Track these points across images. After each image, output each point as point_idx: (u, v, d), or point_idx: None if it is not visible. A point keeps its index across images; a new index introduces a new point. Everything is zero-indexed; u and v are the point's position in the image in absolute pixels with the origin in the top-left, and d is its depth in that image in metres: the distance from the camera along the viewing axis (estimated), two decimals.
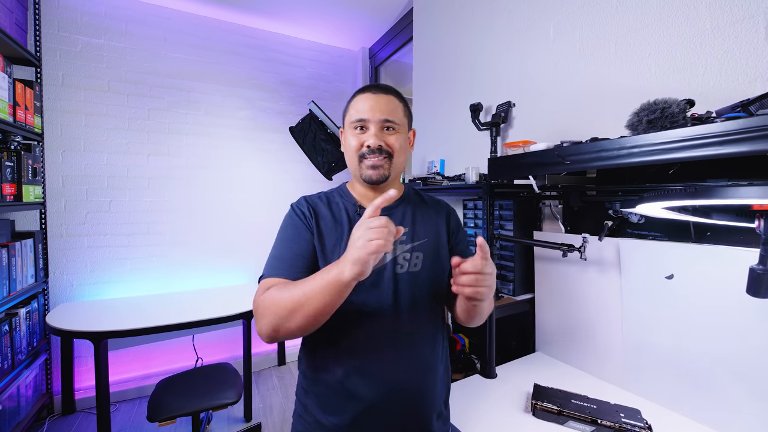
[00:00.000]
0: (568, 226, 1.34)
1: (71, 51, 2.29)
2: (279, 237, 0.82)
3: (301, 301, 0.65)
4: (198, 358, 2.52)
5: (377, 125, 0.80)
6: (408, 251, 0.83)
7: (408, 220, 0.86)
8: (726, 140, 0.60)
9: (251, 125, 2.90)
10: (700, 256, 0.95)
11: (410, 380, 0.80)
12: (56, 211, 2.26)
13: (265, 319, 0.69)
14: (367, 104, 0.81)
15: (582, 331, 1.26)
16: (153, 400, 1.55)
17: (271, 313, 0.68)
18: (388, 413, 0.78)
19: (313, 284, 0.65)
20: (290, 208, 0.86)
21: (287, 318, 0.66)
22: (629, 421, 0.90)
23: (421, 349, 0.83)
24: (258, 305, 0.71)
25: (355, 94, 0.86)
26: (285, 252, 0.78)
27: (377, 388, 0.77)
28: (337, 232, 0.81)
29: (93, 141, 2.37)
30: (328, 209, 0.85)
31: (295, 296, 0.66)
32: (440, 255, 0.88)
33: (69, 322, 1.83)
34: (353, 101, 0.85)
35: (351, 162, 0.84)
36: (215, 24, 2.77)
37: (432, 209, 0.92)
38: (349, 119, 0.84)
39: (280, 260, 0.77)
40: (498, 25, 1.70)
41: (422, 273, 0.83)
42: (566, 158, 0.88)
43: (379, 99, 0.82)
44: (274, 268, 0.76)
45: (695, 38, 1.01)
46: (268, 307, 0.68)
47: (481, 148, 1.77)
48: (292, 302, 0.66)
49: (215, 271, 2.73)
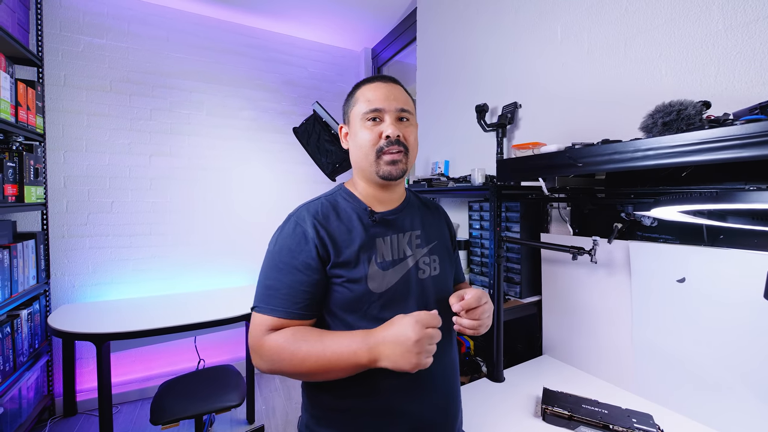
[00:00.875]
0: (577, 228, 1.33)
1: (73, 51, 2.28)
2: (272, 257, 0.71)
3: (322, 368, 0.62)
4: (200, 359, 2.50)
5: (393, 115, 0.74)
6: (426, 255, 0.81)
7: (418, 223, 0.83)
8: (746, 143, 0.59)
9: (254, 126, 2.89)
10: (712, 259, 0.94)
11: (446, 386, 0.78)
12: (58, 211, 2.25)
13: (274, 366, 0.65)
14: (380, 93, 0.75)
15: (590, 334, 1.25)
16: (156, 402, 1.54)
17: (283, 366, 0.64)
18: (434, 424, 0.76)
19: (339, 358, 0.61)
20: (288, 221, 0.74)
21: (304, 376, 0.65)
22: (641, 426, 0.89)
23: (450, 353, 0.81)
24: (263, 350, 0.65)
25: (360, 85, 0.79)
26: (281, 283, 0.69)
27: (423, 401, 0.74)
28: (354, 247, 0.72)
29: (95, 141, 2.35)
30: (338, 219, 0.75)
31: (315, 363, 0.62)
32: (449, 258, 0.88)
33: (71, 323, 1.82)
34: (360, 91, 0.78)
35: (364, 158, 0.75)
36: (217, 24, 2.76)
37: (432, 212, 0.91)
38: (358, 111, 0.76)
39: (275, 293, 0.68)
40: (504, 25, 1.69)
41: (441, 276, 0.82)
42: (578, 160, 0.87)
43: (392, 88, 0.76)
44: (270, 303, 0.68)
45: (707, 39, 1.00)
46: (284, 359, 0.64)
47: (486, 150, 1.76)
48: (310, 369, 0.62)
49: (217, 273, 2.72)
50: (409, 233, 0.80)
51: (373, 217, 0.76)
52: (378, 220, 0.77)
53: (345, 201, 0.79)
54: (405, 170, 0.76)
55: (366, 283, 0.71)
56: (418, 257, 0.79)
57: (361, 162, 0.77)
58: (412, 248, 0.79)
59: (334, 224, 0.74)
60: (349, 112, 0.79)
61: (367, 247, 0.73)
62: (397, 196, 0.83)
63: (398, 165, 0.74)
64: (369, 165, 0.75)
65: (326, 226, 0.72)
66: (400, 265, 0.76)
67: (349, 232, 0.73)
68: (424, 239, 0.82)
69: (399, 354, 0.56)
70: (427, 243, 0.82)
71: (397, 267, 0.75)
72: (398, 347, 0.56)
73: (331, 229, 0.73)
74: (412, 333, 0.56)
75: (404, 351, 0.56)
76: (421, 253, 0.80)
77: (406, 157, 0.75)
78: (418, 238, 0.81)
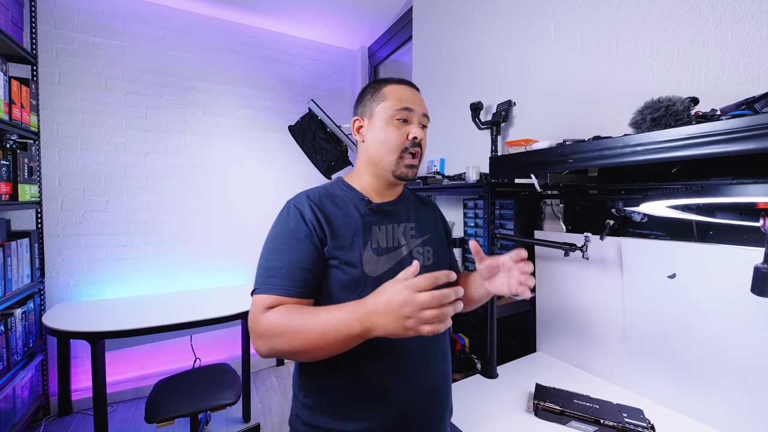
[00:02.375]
0: (569, 225, 1.34)
1: (68, 49, 2.27)
2: (272, 241, 0.73)
3: (315, 341, 0.60)
4: (196, 358, 2.50)
5: (419, 119, 0.79)
6: (420, 245, 0.83)
7: (413, 215, 0.87)
8: (732, 138, 0.60)
9: (249, 124, 2.89)
10: (702, 255, 0.95)
11: (437, 373, 0.80)
12: (52, 210, 2.24)
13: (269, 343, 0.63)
14: (410, 95, 0.80)
15: (583, 330, 1.25)
16: (151, 400, 1.54)
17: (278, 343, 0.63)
18: (424, 411, 0.77)
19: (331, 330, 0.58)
20: (287, 206, 0.77)
21: (299, 353, 0.62)
22: (632, 421, 0.90)
23: (442, 342, 0.84)
24: (259, 327, 0.65)
25: (386, 82, 0.81)
26: (280, 263, 0.70)
27: (413, 387, 0.76)
28: (350, 231, 0.75)
29: (90, 140, 2.35)
30: (335, 205, 0.78)
31: (308, 336, 0.60)
32: (444, 251, 0.91)
33: (66, 322, 1.81)
34: (389, 89, 0.79)
35: (387, 154, 0.77)
36: (213, 22, 2.75)
37: (427, 208, 0.95)
38: (389, 108, 0.77)
39: (275, 273, 0.69)
40: (498, 24, 1.70)
41: (435, 266, 0.84)
42: (569, 156, 0.87)
43: (417, 94, 0.83)
44: (270, 283, 0.68)
45: (697, 37, 1.01)
46: (278, 334, 0.62)
47: (481, 148, 1.77)
48: (304, 342, 0.60)
49: (213, 271, 2.72)
50: (404, 224, 0.83)
51: (370, 205, 0.80)
52: (374, 208, 0.80)
53: (342, 191, 0.82)
54: (416, 174, 0.82)
55: (361, 267, 0.73)
56: (412, 247, 0.81)
57: (382, 157, 0.78)
58: (407, 238, 0.82)
59: (332, 209, 0.77)
60: (374, 107, 0.80)
61: (362, 233, 0.76)
62: (396, 191, 0.87)
63: (414, 170, 0.80)
64: (389, 162, 0.78)
65: (323, 210, 0.75)
66: (395, 252, 0.79)
67: (345, 217, 0.76)
68: (418, 231, 0.85)
69: (392, 321, 0.54)
70: (421, 235, 0.85)
71: (391, 254, 0.78)
72: (391, 315, 0.54)
73: (329, 212, 0.75)
74: (400, 296, 0.53)
75: (396, 317, 0.53)
76: (415, 243, 0.82)
77: (419, 162, 0.80)
78: (413, 229, 0.84)
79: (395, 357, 0.74)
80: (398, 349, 0.74)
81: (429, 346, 0.79)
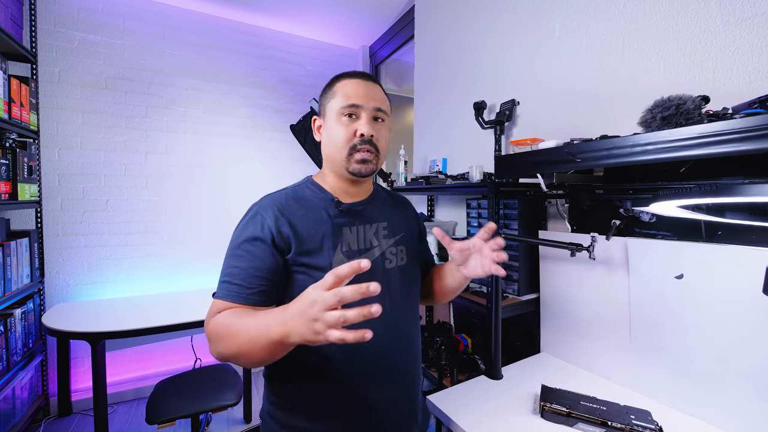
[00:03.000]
0: (574, 225, 1.33)
1: (67, 47, 2.26)
2: (231, 247, 0.72)
3: (245, 345, 0.58)
4: (197, 358, 2.49)
5: (369, 114, 0.76)
6: (393, 245, 0.83)
7: (385, 214, 0.86)
8: (746, 137, 0.59)
9: (250, 123, 2.88)
10: (711, 255, 0.94)
11: (406, 373, 0.81)
12: (52, 209, 2.23)
13: (215, 346, 0.63)
14: (359, 90, 0.76)
15: (588, 331, 1.24)
16: (151, 401, 1.53)
17: (221, 345, 0.62)
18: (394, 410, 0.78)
19: (255, 333, 0.56)
20: (250, 211, 0.75)
21: (239, 357, 0.60)
22: (640, 423, 0.89)
23: (414, 341, 0.85)
24: (208, 330, 0.65)
25: (339, 78, 0.79)
26: (237, 269, 0.69)
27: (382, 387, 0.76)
28: (318, 234, 0.73)
29: (90, 139, 2.33)
30: (302, 208, 0.76)
31: (241, 339, 0.58)
32: (417, 249, 0.91)
33: (65, 322, 1.80)
34: (340, 84, 0.78)
35: (337, 153, 0.76)
36: (214, 21, 2.74)
37: (400, 205, 0.94)
38: (336, 105, 0.76)
39: (232, 279, 0.68)
40: (502, 22, 1.69)
41: (408, 266, 0.85)
42: (577, 156, 0.86)
43: (371, 87, 0.78)
44: (225, 289, 0.68)
45: (705, 35, 1.00)
46: (220, 336, 0.62)
47: (484, 147, 1.76)
48: (239, 346, 0.59)
49: (214, 271, 2.70)
50: (376, 224, 0.82)
51: (340, 207, 0.78)
52: (344, 210, 0.79)
53: (311, 192, 0.80)
54: (374, 169, 0.79)
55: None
56: (384, 248, 0.81)
57: (333, 156, 0.78)
58: (379, 239, 0.81)
59: (298, 213, 0.74)
60: (326, 104, 0.79)
61: (332, 236, 0.74)
62: (365, 189, 0.85)
63: (368, 164, 0.76)
64: (340, 160, 0.76)
65: (288, 216, 0.73)
66: (367, 254, 0.78)
67: (314, 221, 0.74)
68: (391, 231, 0.84)
69: (303, 323, 0.48)
70: (393, 234, 0.84)
71: (362, 256, 0.77)
72: (302, 316, 0.48)
73: (294, 218, 0.73)
74: (309, 294, 0.48)
75: (306, 319, 0.47)
76: (387, 243, 0.82)
77: (376, 158, 0.77)
78: (385, 229, 0.83)
79: (365, 355, 0.74)
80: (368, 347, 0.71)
81: (400, 343, 0.80)
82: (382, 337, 0.75)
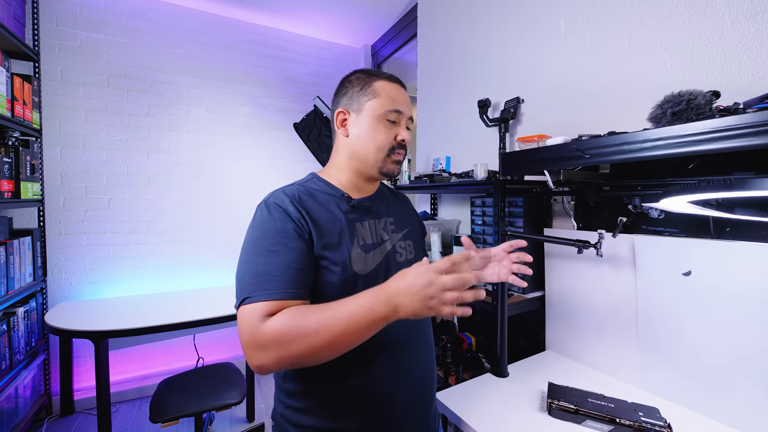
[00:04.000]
0: (580, 223, 1.32)
1: (70, 46, 2.25)
2: (257, 244, 0.67)
3: (339, 335, 0.56)
4: (199, 357, 2.48)
5: (406, 121, 0.81)
6: (401, 240, 0.84)
7: (390, 210, 0.87)
8: (761, 131, 0.58)
9: (253, 122, 2.87)
10: (719, 252, 0.93)
11: (421, 370, 0.81)
12: (55, 208, 2.22)
13: (283, 351, 0.57)
14: (401, 96, 0.80)
15: (595, 328, 1.24)
16: (155, 400, 1.52)
17: (294, 348, 0.56)
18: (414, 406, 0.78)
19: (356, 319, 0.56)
20: (266, 206, 0.71)
21: (318, 353, 0.57)
22: (649, 420, 0.88)
23: (429, 338, 0.85)
24: (264, 338, 0.57)
25: (376, 77, 0.78)
26: (273, 265, 0.63)
27: (399, 385, 0.75)
28: (336, 229, 0.73)
29: (92, 137, 2.33)
30: (316, 202, 0.75)
31: (332, 330, 0.56)
32: (421, 243, 0.94)
33: (68, 321, 1.80)
34: (381, 85, 0.77)
35: (374, 154, 0.76)
36: (217, 20, 2.73)
37: (401, 202, 0.96)
38: (381, 107, 0.76)
39: (269, 277, 0.62)
40: (507, 21, 1.68)
41: (416, 260, 0.84)
42: (585, 152, 0.86)
43: (406, 94, 0.83)
44: (266, 288, 0.61)
45: (713, 31, 0.99)
46: (293, 339, 0.56)
47: (488, 145, 1.76)
48: (327, 339, 0.56)
49: (216, 270, 2.70)
50: (384, 219, 0.84)
51: (351, 202, 0.78)
52: (356, 205, 0.79)
53: (319, 187, 0.79)
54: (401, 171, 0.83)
55: (351, 265, 0.72)
56: (394, 241, 0.82)
57: (368, 155, 0.78)
58: (388, 233, 0.82)
59: (313, 206, 0.73)
60: (363, 102, 0.77)
61: (348, 230, 0.75)
62: (374, 186, 0.87)
63: (399, 166, 0.81)
64: (376, 160, 0.78)
65: (306, 208, 0.72)
66: (380, 248, 0.79)
67: (330, 214, 0.74)
68: (398, 225, 0.86)
69: (416, 301, 0.55)
70: (400, 229, 0.86)
71: (377, 250, 0.78)
72: (414, 295, 0.55)
73: (312, 210, 0.72)
74: (424, 278, 0.55)
75: (421, 298, 0.55)
76: (396, 237, 0.83)
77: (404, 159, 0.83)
78: (392, 224, 0.84)
79: (383, 353, 0.73)
80: (386, 344, 0.73)
81: (418, 339, 0.80)
82: (398, 335, 0.75)
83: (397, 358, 0.75)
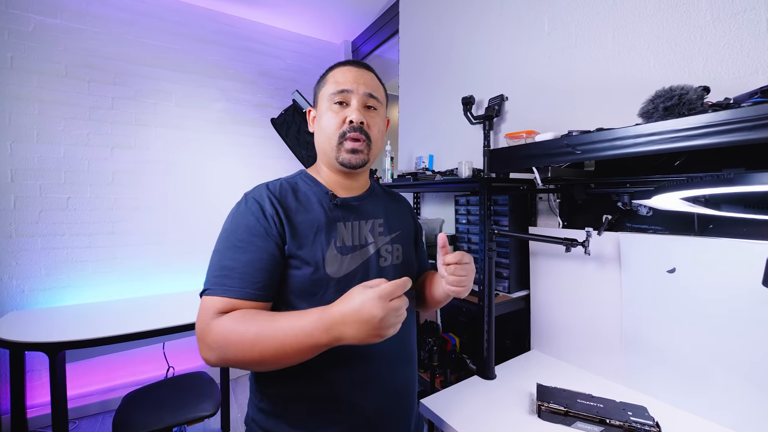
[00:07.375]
0: (565, 221, 1.32)
1: (22, 30, 2.06)
2: (228, 238, 0.66)
3: (275, 352, 0.55)
4: (169, 367, 2.33)
5: (360, 100, 0.72)
6: (388, 243, 0.79)
7: (381, 211, 0.82)
8: (756, 125, 0.57)
9: (227, 118, 2.74)
10: (702, 249, 0.94)
11: (401, 375, 0.77)
12: (4, 208, 2.02)
13: (221, 353, 0.58)
14: (349, 75, 0.73)
15: (580, 327, 1.24)
16: (119, 414, 1.41)
17: (231, 352, 0.57)
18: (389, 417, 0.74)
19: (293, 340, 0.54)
20: (245, 199, 0.69)
21: (254, 364, 0.57)
22: (638, 419, 0.88)
23: (410, 345, 0.81)
24: (209, 335, 0.58)
25: (332, 68, 0.77)
26: (237, 262, 0.63)
27: (376, 392, 0.71)
28: (312, 228, 0.69)
29: (48, 131, 2.14)
30: (297, 200, 0.72)
31: (267, 346, 0.55)
32: (412, 247, 0.88)
33: (20, 332, 1.63)
34: (331, 74, 0.75)
35: (326, 143, 0.73)
36: (188, 9, 2.59)
37: (396, 202, 0.91)
38: (326, 92, 0.73)
39: (230, 273, 0.62)
40: (491, 17, 1.67)
41: (404, 265, 0.81)
42: (576, 147, 0.84)
43: (362, 73, 0.75)
44: (223, 284, 0.61)
45: (695, 30, 1.00)
46: (231, 343, 0.56)
47: (472, 143, 1.74)
48: (262, 353, 0.55)
49: (188, 274, 2.55)
50: (371, 221, 0.78)
51: (335, 200, 0.74)
52: (339, 203, 0.75)
53: (305, 184, 0.77)
54: (366, 161, 0.75)
55: (323, 267, 0.67)
56: (380, 245, 0.77)
57: (324, 146, 0.74)
58: (375, 236, 0.77)
59: (293, 204, 0.71)
60: (318, 93, 0.77)
61: (326, 230, 0.70)
62: (361, 184, 0.82)
63: (359, 155, 0.72)
64: (331, 150, 0.73)
65: (284, 205, 0.69)
66: (361, 251, 0.74)
67: (308, 213, 0.71)
68: (387, 228, 0.80)
69: (363, 330, 0.52)
70: (389, 232, 0.81)
71: (356, 253, 0.73)
72: (363, 326, 0.52)
73: (289, 208, 0.69)
74: (377, 311, 0.51)
75: (370, 329, 0.52)
76: (383, 241, 0.78)
77: (368, 148, 0.74)
78: (381, 226, 0.79)
79: (359, 362, 0.69)
80: (363, 354, 0.69)
81: (396, 349, 0.75)
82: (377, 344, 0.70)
83: (369, 366, 0.70)
